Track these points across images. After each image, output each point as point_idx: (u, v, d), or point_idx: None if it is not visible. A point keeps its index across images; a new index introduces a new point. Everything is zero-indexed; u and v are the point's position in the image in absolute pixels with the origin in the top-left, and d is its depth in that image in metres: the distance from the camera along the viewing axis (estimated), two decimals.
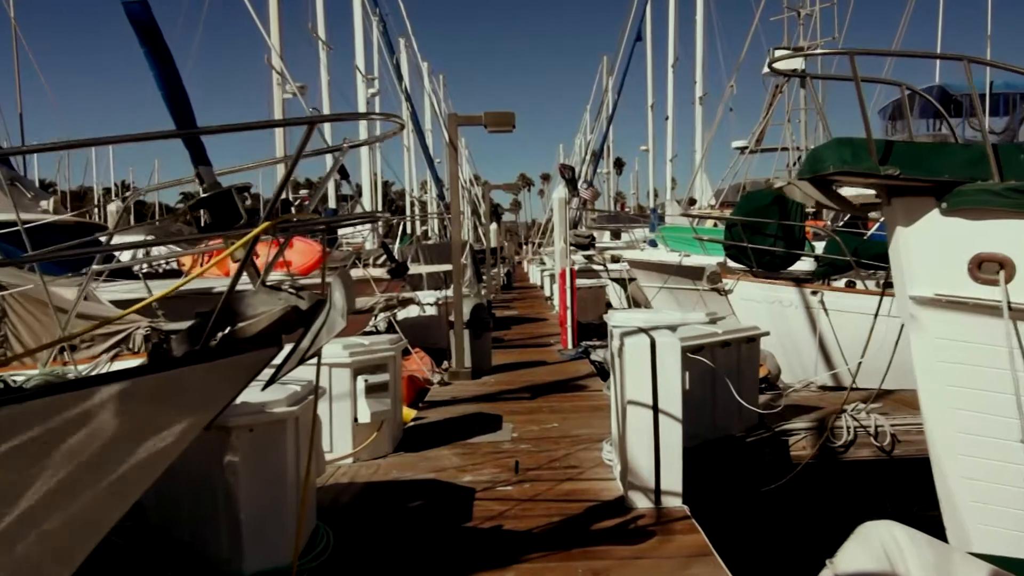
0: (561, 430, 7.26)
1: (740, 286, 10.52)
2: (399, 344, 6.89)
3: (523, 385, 9.83)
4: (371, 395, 6.28)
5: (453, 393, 9.46)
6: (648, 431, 4.93)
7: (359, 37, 31.02)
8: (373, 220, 10.10)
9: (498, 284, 33.51)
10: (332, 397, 6.21)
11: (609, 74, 39.79)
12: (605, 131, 39.06)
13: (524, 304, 25.41)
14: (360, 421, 6.27)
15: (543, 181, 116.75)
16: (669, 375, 4.91)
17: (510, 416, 7.90)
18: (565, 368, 11.30)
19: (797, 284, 10.26)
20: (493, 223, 50.16)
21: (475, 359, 10.77)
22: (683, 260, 15.25)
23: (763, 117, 28.94)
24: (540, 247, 47.86)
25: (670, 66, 34.03)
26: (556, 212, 21.61)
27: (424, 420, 7.96)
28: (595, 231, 30.28)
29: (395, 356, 6.64)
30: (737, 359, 6.77)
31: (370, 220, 10.12)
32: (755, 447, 6.88)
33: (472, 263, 19.28)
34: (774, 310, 10.35)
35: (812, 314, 10.14)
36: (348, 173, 8.49)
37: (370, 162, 31.77)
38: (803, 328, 10.13)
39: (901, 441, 7.13)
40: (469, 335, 10.73)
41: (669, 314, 8.66)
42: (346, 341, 6.42)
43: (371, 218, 9.73)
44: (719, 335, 6.52)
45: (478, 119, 10.24)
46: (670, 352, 4.92)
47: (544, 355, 12.71)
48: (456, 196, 10.24)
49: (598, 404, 8.40)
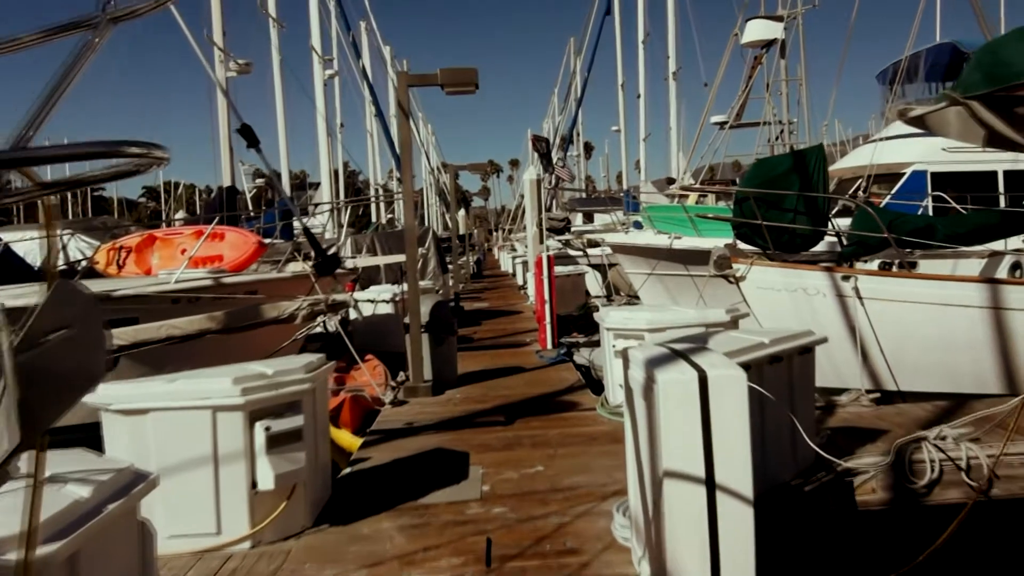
0: (548, 477, 5.37)
1: (754, 271, 8.69)
2: (323, 368, 4.95)
3: (496, 403, 7.94)
4: (276, 449, 4.36)
5: (409, 416, 7.54)
6: (698, 516, 3.05)
7: (314, 16, 28.92)
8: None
9: (467, 273, 31.62)
10: (218, 455, 4.28)
11: (577, 55, 38.08)
12: (575, 114, 37.35)
13: (496, 295, 23.48)
14: (260, 487, 4.34)
15: (512, 167, 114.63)
16: (731, 428, 3.03)
17: (480, 454, 6.01)
18: (546, 376, 9.42)
19: (825, 267, 8.48)
20: (461, 209, 48.32)
21: (437, 369, 8.87)
22: (674, 243, 13.46)
23: (742, 91, 27.27)
24: (511, 233, 46.07)
25: (640, 42, 32.37)
26: (528, 194, 19.67)
27: (366, 462, 6.04)
28: (569, 214, 28.50)
29: (315, 388, 4.71)
30: (789, 378, 4.91)
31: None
32: (816, 497, 5.03)
33: (436, 252, 17.34)
34: (798, 300, 8.56)
35: (846, 304, 8.37)
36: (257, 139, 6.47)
37: (329, 149, 29.73)
38: (835, 321, 8.34)
39: (1001, 477, 5.34)
40: (429, 341, 8.82)
41: (679, 311, 6.81)
42: (238, 370, 4.48)
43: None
44: (766, 345, 4.65)
45: (433, 78, 8.28)
46: (731, 392, 3.04)
47: (520, 358, 10.83)
48: (408, 169, 8.29)
49: (593, 431, 6.54)
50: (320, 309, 5.75)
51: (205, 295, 8.99)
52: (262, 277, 10.26)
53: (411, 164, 8.23)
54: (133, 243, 12.37)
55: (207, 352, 8.17)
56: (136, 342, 5.91)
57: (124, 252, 12.34)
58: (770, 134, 28.25)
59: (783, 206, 8.71)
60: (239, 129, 6.13)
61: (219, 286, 9.34)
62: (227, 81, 19.55)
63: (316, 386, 4.74)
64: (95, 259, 12.65)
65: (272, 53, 26.50)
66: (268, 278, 10.18)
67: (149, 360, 7.72)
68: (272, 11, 25.87)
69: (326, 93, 29.91)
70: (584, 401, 7.82)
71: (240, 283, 9.59)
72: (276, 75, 25.60)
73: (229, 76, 19.64)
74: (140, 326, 5.99)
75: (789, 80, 25.41)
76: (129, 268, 12.23)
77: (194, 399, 4.28)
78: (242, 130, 6.15)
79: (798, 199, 8.63)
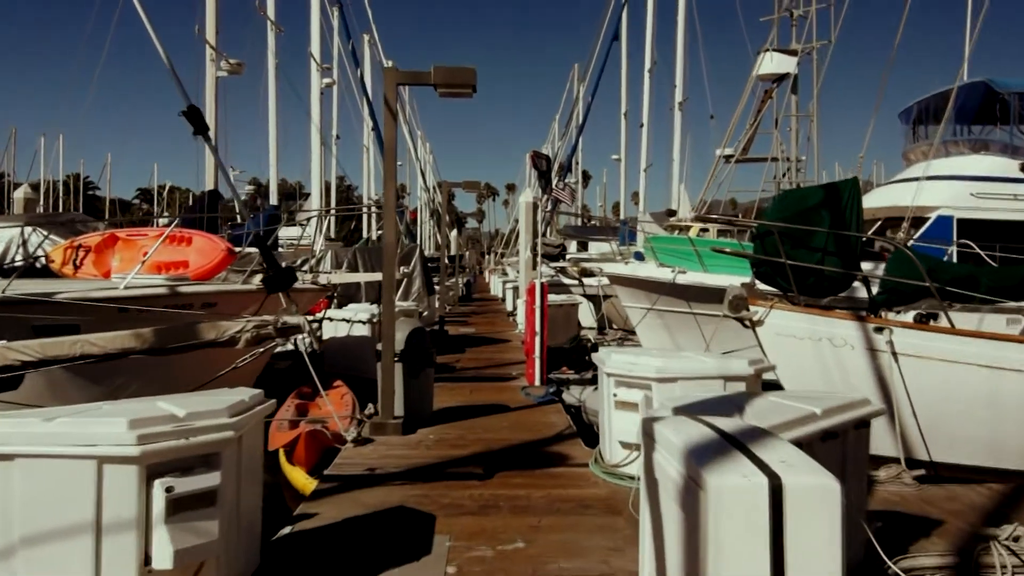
0: (530, 558, 4.34)
1: (774, 315, 7.72)
2: (257, 410, 3.93)
3: (474, 450, 6.91)
4: (180, 516, 3.33)
5: (372, 460, 6.51)
6: None
7: (315, 22, 28.16)
8: None
9: (456, 295, 30.60)
10: (102, 521, 3.25)
11: (581, 82, 37.39)
12: (575, 141, 36.60)
13: (483, 320, 22.46)
14: (156, 566, 3.31)
15: (508, 191, 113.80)
16: (816, 559, 2.03)
17: (449, 518, 4.97)
18: (532, 418, 8.39)
19: (856, 316, 7.51)
20: (454, 230, 47.40)
21: (410, 404, 7.84)
22: (678, 277, 12.50)
23: (750, 124, 26.53)
24: (503, 257, 45.19)
25: (647, 71, 31.66)
26: (523, 216, 18.76)
27: (312, 520, 5.00)
28: (564, 240, 27.60)
29: (242, 436, 3.68)
30: (842, 457, 3.90)
31: None
32: None
33: (423, 271, 16.33)
34: (822, 351, 7.58)
35: (878, 360, 7.40)
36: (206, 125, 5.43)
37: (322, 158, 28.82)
38: (864, 379, 7.36)
39: None
40: (403, 371, 7.81)
41: (692, 359, 5.83)
42: (140, 409, 3.46)
43: None
44: (818, 418, 3.65)
45: (426, 76, 7.33)
46: (821, 511, 2.04)
47: (505, 394, 9.80)
48: (391, 175, 7.30)
49: (585, 495, 5.51)
50: (267, 333, 4.74)
51: (152, 307, 7.99)
52: (224, 288, 9.24)
53: (395, 169, 7.25)
54: (93, 242, 11.34)
55: (148, 375, 7.15)
56: (44, 358, 4.89)
57: (82, 252, 11.29)
58: (776, 171, 27.50)
59: (811, 244, 7.75)
60: (184, 111, 5.12)
61: (174, 295, 8.33)
62: (217, 81, 18.69)
63: (244, 433, 3.72)
64: (51, 257, 11.61)
65: (268, 57, 25.65)
66: (231, 289, 9.16)
67: (78, 383, 6.68)
68: (271, 13, 25.01)
69: (323, 103, 29.13)
70: (575, 454, 6.80)
71: (198, 293, 8.57)
72: (271, 80, 24.68)
73: (220, 75, 18.77)
74: (48, 339, 4.98)
75: (800, 116, 24.63)
76: (87, 269, 11.18)
77: (75, 445, 3.26)
78: (188, 113, 5.12)
79: (828, 237, 7.67)
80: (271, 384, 10.03)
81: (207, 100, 18.24)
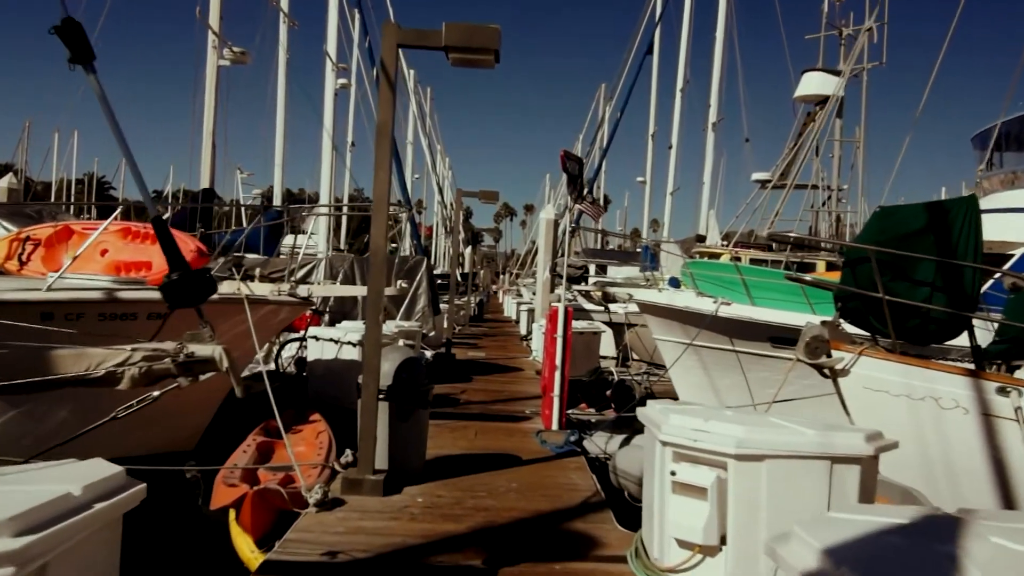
0: None
1: (864, 364, 6.04)
2: (98, 509, 2.30)
3: (472, 524, 5.24)
4: None
5: (335, 537, 4.85)
6: None
7: (332, 18, 26.78)
8: None
9: (467, 315, 28.95)
10: None
11: (608, 101, 35.86)
12: (598, 164, 35.02)
13: (495, 343, 20.80)
14: None
15: (526, 212, 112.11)
16: None
17: None
18: (550, 477, 6.71)
19: (971, 371, 5.82)
20: (469, 247, 45.86)
21: (396, 454, 6.20)
22: (720, 309, 10.80)
23: (790, 148, 24.95)
24: (518, 277, 43.61)
25: (679, 89, 30.13)
26: (542, 234, 17.12)
27: None
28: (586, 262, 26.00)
29: (48, 563, 2.06)
30: None
31: None
32: None
33: (429, 288, 14.69)
34: (922, 412, 5.91)
35: (998, 428, 5.70)
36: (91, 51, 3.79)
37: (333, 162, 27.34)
38: (979, 452, 5.70)
39: None
40: (389, 413, 6.17)
41: (784, 427, 4.15)
42: None
43: None
44: None
45: (434, 37, 5.75)
46: None
47: (515, 439, 8.14)
48: (385, 163, 5.69)
49: None
50: (163, 368, 3.11)
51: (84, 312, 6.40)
52: None
53: (389, 153, 5.63)
54: (44, 235, 9.76)
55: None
56: None
57: (31, 246, 9.71)
58: (814, 200, 25.87)
59: (915, 276, 6.08)
60: (57, 27, 3.50)
61: (112, 302, 6.74)
62: (218, 71, 17.23)
63: (53, 560, 2.08)
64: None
65: (279, 51, 24.30)
66: None
67: None
68: (284, 5, 23.61)
69: (336, 105, 27.67)
70: (606, 537, 5.10)
71: (144, 301, 6.96)
72: (280, 74, 23.26)
73: (222, 64, 17.33)
74: None
75: (844, 141, 22.98)
76: (34, 266, 9.58)
77: None
78: (61, 29, 3.50)
79: (939, 268, 6.00)
80: (242, 410, 8.43)
81: (207, 90, 16.80)
